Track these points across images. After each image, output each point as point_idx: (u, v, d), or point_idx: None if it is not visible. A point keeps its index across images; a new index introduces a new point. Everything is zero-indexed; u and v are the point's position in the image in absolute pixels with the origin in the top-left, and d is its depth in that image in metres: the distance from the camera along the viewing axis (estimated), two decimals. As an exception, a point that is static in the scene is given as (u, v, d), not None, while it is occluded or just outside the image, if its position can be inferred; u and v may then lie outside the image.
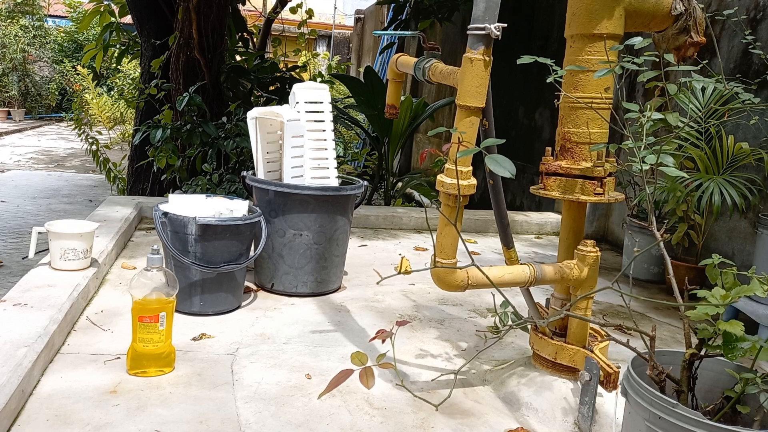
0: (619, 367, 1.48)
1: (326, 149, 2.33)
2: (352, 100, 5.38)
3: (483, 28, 1.37)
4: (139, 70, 5.41)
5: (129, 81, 9.95)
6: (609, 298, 2.56)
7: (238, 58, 5.27)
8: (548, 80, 1.40)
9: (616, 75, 1.38)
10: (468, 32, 1.40)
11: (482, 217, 3.72)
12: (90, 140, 4.76)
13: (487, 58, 1.40)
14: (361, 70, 7.43)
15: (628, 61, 1.30)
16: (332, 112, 2.38)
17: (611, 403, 1.51)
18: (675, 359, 1.19)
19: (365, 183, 2.44)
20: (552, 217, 3.90)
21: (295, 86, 2.34)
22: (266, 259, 2.30)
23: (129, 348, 1.63)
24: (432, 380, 1.71)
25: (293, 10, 5.89)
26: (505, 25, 1.38)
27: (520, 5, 4.81)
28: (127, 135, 9.13)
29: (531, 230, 3.85)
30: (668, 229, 2.70)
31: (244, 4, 5.15)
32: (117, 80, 10.79)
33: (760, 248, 2.33)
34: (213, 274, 2.00)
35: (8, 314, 1.71)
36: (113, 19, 5.26)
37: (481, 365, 1.82)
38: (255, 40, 5.91)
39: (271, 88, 4.92)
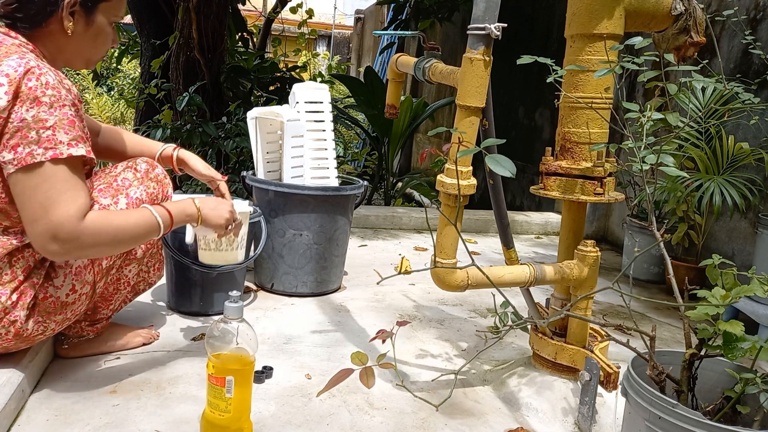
0: (619, 367, 1.48)
1: (326, 149, 2.33)
2: (352, 100, 5.39)
3: (483, 28, 1.37)
4: (139, 70, 5.41)
5: (129, 81, 9.95)
6: (609, 298, 2.56)
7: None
8: (548, 80, 1.40)
9: (616, 75, 1.38)
10: (468, 32, 1.40)
11: (482, 217, 3.72)
12: (90, 140, 4.74)
13: (487, 58, 1.40)
14: (361, 70, 7.43)
15: (628, 61, 1.30)
16: (332, 112, 2.38)
17: (611, 403, 1.51)
18: (675, 359, 1.19)
19: (365, 183, 2.44)
20: (552, 217, 3.90)
21: (295, 86, 2.34)
22: (266, 259, 2.30)
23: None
24: (432, 380, 1.71)
25: (293, 10, 5.89)
26: (506, 25, 1.38)
27: (520, 5, 4.81)
28: (129, 125, 9.13)
29: (531, 230, 3.85)
30: (668, 229, 2.70)
31: (244, 4, 5.15)
32: (117, 80, 10.79)
33: (760, 248, 2.33)
34: (213, 274, 2.00)
35: (8, 314, 1.71)
36: (113, 19, 5.25)
37: (481, 365, 1.82)
38: (255, 40, 5.91)
39: (271, 88, 4.92)
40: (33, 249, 1.36)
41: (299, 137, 2.27)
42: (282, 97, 4.60)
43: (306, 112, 2.30)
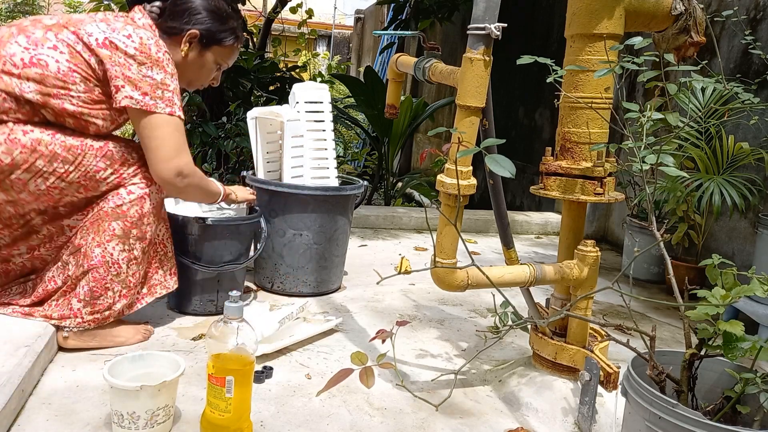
0: (619, 367, 1.48)
1: (326, 149, 2.33)
2: (352, 100, 5.38)
3: (483, 28, 1.37)
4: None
5: (129, 81, 9.93)
6: (609, 298, 2.56)
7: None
8: (548, 80, 1.40)
9: (616, 75, 1.38)
10: (468, 32, 1.40)
11: (482, 217, 3.72)
12: (90, 140, 4.75)
13: (487, 58, 1.40)
14: (361, 70, 7.43)
15: (628, 61, 1.30)
16: (332, 112, 2.38)
17: (611, 403, 1.51)
18: (675, 359, 1.19)
19: (365, 183, 2.44)
20: (552, 217, 3.90)
21: (295, 86, 2.34)
22: (266, 259, 2.30)
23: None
24: (432, 380, 1.71)
25: (293, 10, 5.89)
26: (506, 24, 1.38)
27: (520, 5, 4.81)
28: (127, 135, 9.12)
29: (531, 230, 3.85)
30: (668, 229, 2.70)
31: (244, 4, 5.14)
32: (117, 80, 10.76)
33: (760, 248, 2.33)
34: (213, 274, 2.00)
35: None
36: (113, 19, 5.25)
37: (481, 365, 1.82)
38: (255, 40, 5.90)
39: (271, 88, 4.92)
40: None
41: (299, 137, 2.27)
42: (282, 97, 4.60)
43: (306, 112, 2.30)
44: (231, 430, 1.31)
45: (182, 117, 1.67)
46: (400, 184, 4.89)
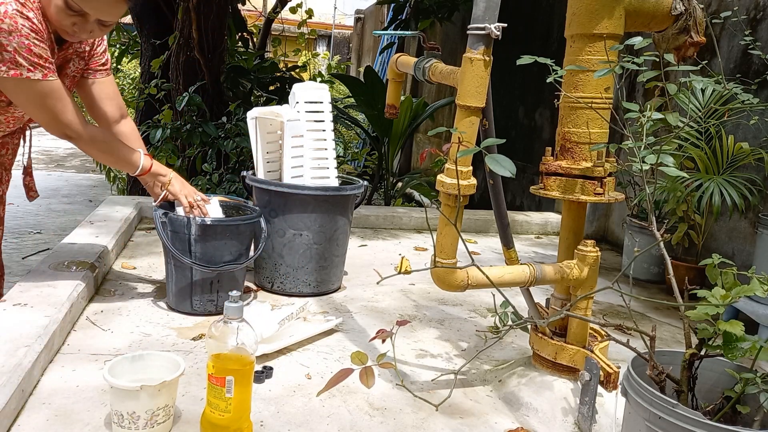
0: (619, 367, 1.48)
1: (326, 149, 2.33)
2: (352, 100, 5.39)
3: (483, 28, 1.37)
4: (139, 70, 5.41)
5: (129, 81, 9.94)
6: (609, 298, 2.56)
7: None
8: (548, 80, 1.40)
9: (616, 75, 1.38)
10: (468, 32, 1.40)
11: (482, 217, 3.72)
12: (90, 140, 4.74)
13: (487, 58, 1.40)
14: (361, 70, 7.43)
15: (628, 61, 1.30)
16: (332, 112, 2.38)
17: (611, 403, 1.51)
18: (675, 359, 1.19)
19: (365, 183, 2.44)
20: (552, 217, 3.90)
21: (295, 86, 2.34)
22: (266, 259, 2.30)
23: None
24: (432, 380, 1.71)
25: (293, 10, 5.90)
26: (505, 24, 1.38)
27: (520, 5, 4.81)
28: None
29: (531, 230, 3.85)
30: (668, 229, 2.70)
31: (244, 4, 5.15)
32: (117, 80, 10.77)
33: (760, 248, 2.33)
34: (213, 274, 2.00)
35: (8, 314, 1.71)
36: (113, 19, 5.25)
37: (481, 365, 1.82)
38: (255, 40, 5.91)
39: (271, 88, 4.92)
40: None
41: (299, 137, 2.27)
42: (282, 97, 4.61)
43: (306, 112, 2.30)
44: (231, 430, 1.31)
45: (37, 78, 1.56)
46: (400, 184, 4.89)
